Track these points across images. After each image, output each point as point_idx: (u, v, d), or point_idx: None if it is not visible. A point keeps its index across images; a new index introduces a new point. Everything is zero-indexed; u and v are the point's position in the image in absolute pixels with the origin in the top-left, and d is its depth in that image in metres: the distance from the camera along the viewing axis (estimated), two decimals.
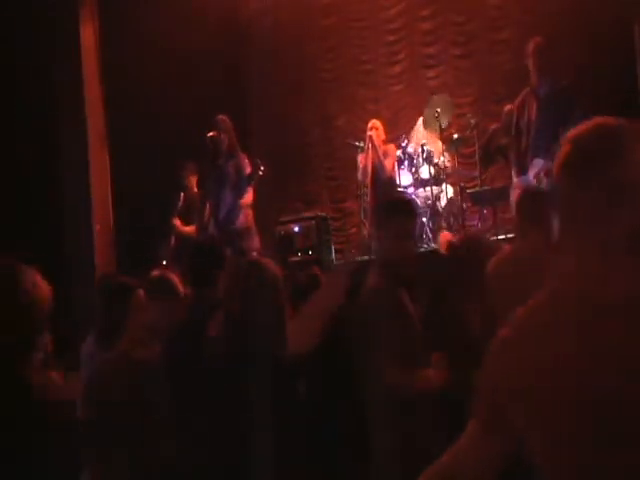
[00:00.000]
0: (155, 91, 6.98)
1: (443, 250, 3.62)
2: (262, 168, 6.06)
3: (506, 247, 3.25)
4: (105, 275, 5.35)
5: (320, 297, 3.02)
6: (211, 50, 7.76)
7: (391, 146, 7.08)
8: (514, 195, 3.50)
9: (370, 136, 6.88)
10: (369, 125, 6.99)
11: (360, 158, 7.06)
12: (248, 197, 6.23)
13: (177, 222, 6.50)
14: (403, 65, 8.75)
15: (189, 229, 6.47)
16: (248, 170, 6.22)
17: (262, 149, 7.97)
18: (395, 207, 3.30)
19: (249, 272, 2.97)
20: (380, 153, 6.87)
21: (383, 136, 7.02)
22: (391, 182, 6.95)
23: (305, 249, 6.94)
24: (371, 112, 8.27)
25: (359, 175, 7.08)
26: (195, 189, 6.65)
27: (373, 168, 6.89)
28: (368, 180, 6.92)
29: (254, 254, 6.37)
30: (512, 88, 5.99)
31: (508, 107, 5.50)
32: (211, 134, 6.27)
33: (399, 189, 7.10)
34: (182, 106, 7.16)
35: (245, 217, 6.26)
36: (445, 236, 3.92)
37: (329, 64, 8.96)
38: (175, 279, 3.72)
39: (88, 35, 7.13)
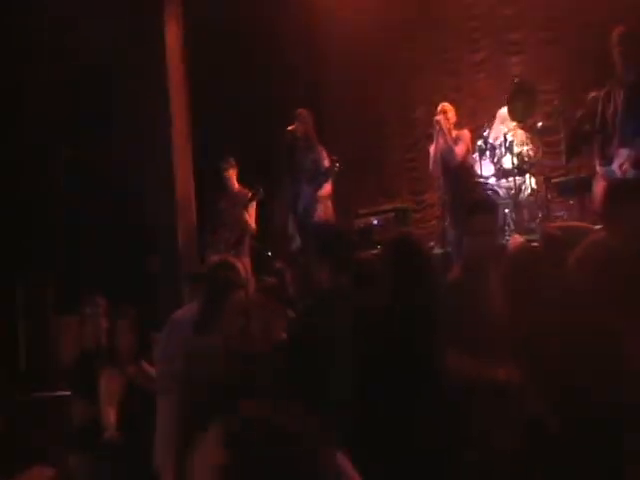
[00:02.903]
0: (236, 86, 7.09)
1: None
2: (338, 165, 6.06)
3: (592, 237, 3.18)
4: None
5: None
6: (289, 41, 7.81)
7: (464, 131, 6.68)
8: (598, 186, 3.41)
9: (438, 121, 6.46)
10: (438, 109, 6.60)
11: (431, 148, 6.62)
12: (326, 189, 6.26)
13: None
14: (486, 52, 8.53)
15: (252, 225, 6.46)
16: (326, 163, 6.24)
17: (341, 141, 7.97)
18: (476, 206, 3.36)
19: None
20: (449, 138, 6.42)
21: (454, 119, 6.61)
22: (463, 169, 6.55)
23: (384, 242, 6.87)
24: (452, 101, 8.09)
25: (430, 166, 6.64)
26: (236, 184, 6.64)
27: (442, 156, 6.44)
28: (440, 170, 6.49)
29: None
30: (600, 74, 5.76)
31: (593, 94, 5.36)
32: (290, 128, 6.33)
33: (476, 178, 6.91)
34: (262, 100, 7.26)
35: (324, 210, 6.29)
36: (515, 239, 3.87)
37: (408, 53, 8.84)
38: (239, 264, 3.76)
39: (172, 34, 7.30)
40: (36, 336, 6.22)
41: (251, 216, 6.43)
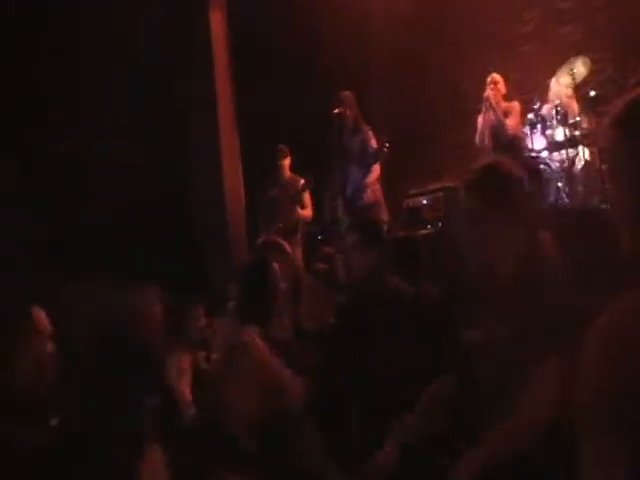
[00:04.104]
0: (281, 73, 7.12)
1: None
2: (387, 145, 6.05)
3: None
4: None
5: None
6: (333, 24, 7.78)
7: (514, 103, 6.70)
8: None
9: (487, 97, 6.54)
10: (487, 80, 6.63)
11: (479, 120, 6.70)
12: (375, 174, 6.27)
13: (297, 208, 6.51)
14: (535, 23, 8.34)
15: (306, 213, 6.53)
16: (374, 145, 6.23)
17: (388, 122, 7.92)
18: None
19: None
20: (500, 112, 6.49)
21: (504, 90, 6.65)
22: (515, 143, 6.55)
23: (433, 221, 6.87)
24: (501, 74, 7.97)
25: (476, 139, 6.70)
26: (288, 172, 6.70)
27: (492, 130, 6.51)
28: (487, 144, 6.52)
29: (384, 228, 6.40)
30: None
31: None
32: (336, 111, 6.34)
33: (528, 152, 6.81)
34: (307, 85, 7.26)
35: (373, 193, 6.30)
36: None
37: (455, 28, 8.69)
38: (283, 242, 3.83)
39: (217, 22, 7.34)
40: None
41: (305, 204, 6.48)
